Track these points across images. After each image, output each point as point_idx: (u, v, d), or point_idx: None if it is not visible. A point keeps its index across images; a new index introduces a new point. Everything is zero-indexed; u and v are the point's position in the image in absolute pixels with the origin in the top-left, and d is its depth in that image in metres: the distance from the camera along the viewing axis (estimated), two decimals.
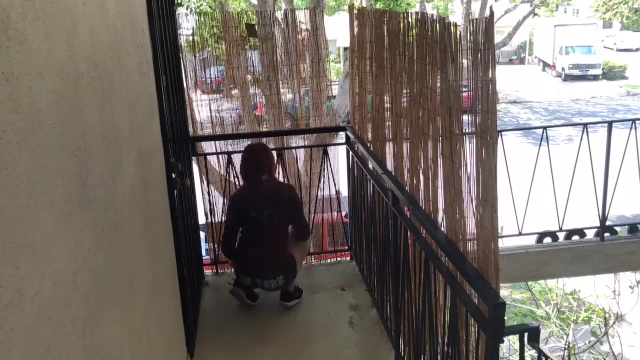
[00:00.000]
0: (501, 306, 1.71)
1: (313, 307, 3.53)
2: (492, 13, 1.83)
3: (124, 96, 1.91)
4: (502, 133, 4.58)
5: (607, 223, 4.88)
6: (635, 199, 5.02)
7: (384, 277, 3.16)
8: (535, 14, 19.14)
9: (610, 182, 4.72)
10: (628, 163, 4.64)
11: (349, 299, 3.60)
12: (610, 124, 4.71)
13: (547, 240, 4.96)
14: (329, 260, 4.41)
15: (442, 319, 2.33)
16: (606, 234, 4.88)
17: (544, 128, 4.89)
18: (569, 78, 27.50)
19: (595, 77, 27.46)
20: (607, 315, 7.93)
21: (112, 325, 1.60)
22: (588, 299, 8.44)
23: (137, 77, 2.17)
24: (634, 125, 4.74)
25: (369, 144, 3.42)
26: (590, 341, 8.08)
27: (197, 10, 8.95)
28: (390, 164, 3.04)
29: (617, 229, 5.06)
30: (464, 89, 2.10)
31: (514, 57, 32.92)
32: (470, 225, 2.13)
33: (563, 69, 27.88)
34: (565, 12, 35.60)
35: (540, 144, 4.71)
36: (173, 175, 2.73)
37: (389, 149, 3.05)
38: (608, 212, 4.81)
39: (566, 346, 7.80)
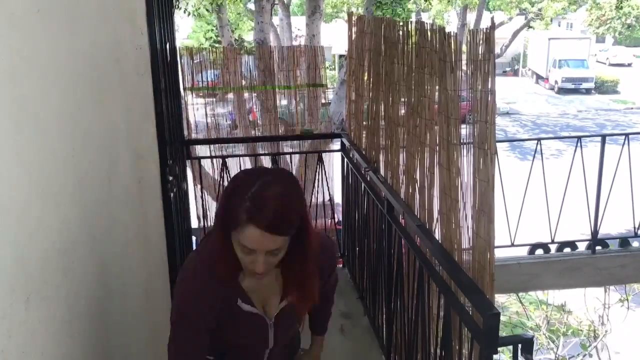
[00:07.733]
0: (496, 317, 1.69)
1: None
2: (493, 24, 1.83)
3: (121, 97, 1.90)
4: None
5: (599, 237, 4.90)
6: (624, 216, 5.03)
7: (377, 286, 3.15)
8: (530, 27, 19.29)
9: (602, 195, 4.73)
10: (620, 178, 4.65)
11: (341, 306, 3.58)
12: (603, 137, 4.73)
13: (539, 251, 4.96)
14: None
15: (435, 329, 2.31)
16: (598, 247, 4.89)
17: (539, 140, 4.91)
18: (561, 91, 27.68)
19: (588, 91, 27.68)
20: (595, 328, 7.96)
21: (106, 329, 1.58)
22: (578, 312, 8.46)
23: (134, 79, 2.16)
24: (627, 139, 4.76)
25: (364, 152, 3.41)
26: (579, 353, 8.10)
27: (195, 12, 8.94)
28: (385, 172, 3.03)
29: (609, 242, 5.07)
30: (462, 99, 2.10)
31: (507, 69, 33.12)
32: (466, 235, 2.13)
33: (556, 81, 28.07)
34: (559, 26, 35.90)
35: (534, 156, 4.72)
36: (169, 178, 2.71)
37: (385, 157, 3.05)
38: (600, 225, 4.82)
39: (556, 358, 7.82)
